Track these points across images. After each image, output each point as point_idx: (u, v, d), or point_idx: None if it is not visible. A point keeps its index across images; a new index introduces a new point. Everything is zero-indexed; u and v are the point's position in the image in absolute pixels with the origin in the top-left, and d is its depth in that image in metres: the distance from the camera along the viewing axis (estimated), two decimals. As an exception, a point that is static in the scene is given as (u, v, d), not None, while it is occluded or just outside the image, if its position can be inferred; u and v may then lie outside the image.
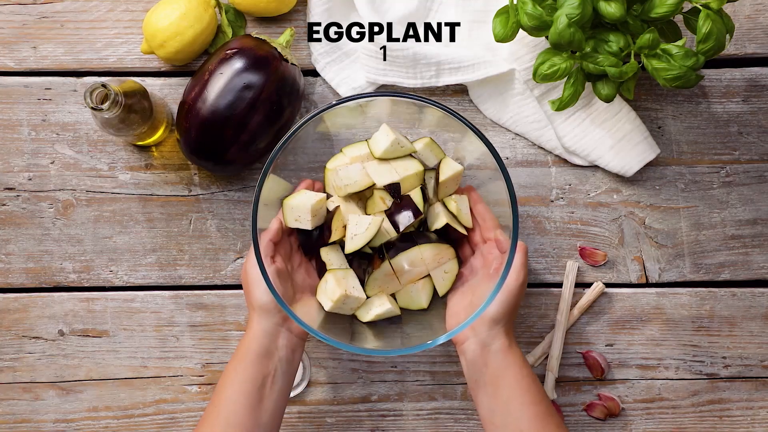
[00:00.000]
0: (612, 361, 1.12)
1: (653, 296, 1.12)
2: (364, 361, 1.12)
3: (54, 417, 1.12)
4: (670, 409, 1.12)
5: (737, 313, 1.12)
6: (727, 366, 1.12)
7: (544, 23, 0.98)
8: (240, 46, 1.04)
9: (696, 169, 1.12)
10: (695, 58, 0.97)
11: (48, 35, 1.12)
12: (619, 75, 0.99)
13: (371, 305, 1.05)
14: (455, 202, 1.07)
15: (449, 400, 1.12)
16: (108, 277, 1.12)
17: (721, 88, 1.12)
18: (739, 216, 1.12)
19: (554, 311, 1.12)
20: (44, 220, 1.12)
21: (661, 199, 1.12)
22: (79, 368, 1.12)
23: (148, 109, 1.02)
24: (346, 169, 1.03)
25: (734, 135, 1.12)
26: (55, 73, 1.13)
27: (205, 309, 1.12)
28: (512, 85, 1.10)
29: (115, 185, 1.12)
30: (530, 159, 1.12)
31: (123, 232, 1.12)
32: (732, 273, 1.12)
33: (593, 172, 1.12)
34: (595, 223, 1.12)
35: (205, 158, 1.05)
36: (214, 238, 1.12)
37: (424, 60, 1.09)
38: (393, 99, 1.02)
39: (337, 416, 1.12)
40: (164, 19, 1.06)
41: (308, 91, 1.13)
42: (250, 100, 1.02)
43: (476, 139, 1.01)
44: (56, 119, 1.12)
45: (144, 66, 1.13)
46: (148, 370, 1.12)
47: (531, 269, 1.12)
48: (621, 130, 1.10)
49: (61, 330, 1.12)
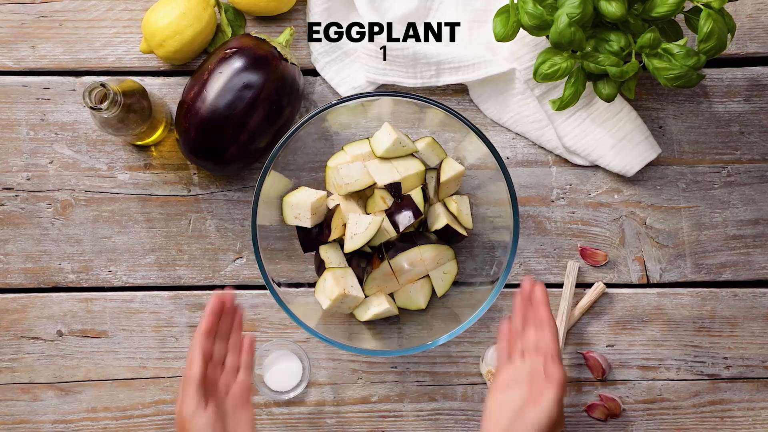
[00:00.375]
0: (613, 362, 1.12)
1: (654, 296, 1.12)
2: (364, 361, 1.12)
3: (53, 418, 1.11)
4: (671, 409, 1.12)
5: (739, 313, 1.12)
6: (729, 367, 1.12)
7: (544, 22, 0.98)
8: (239, 45, 1.04)
9: (697, 169, 1.12)
10: (696, 58, 0.96)
11: (46, 34, 1.12)
12: (620, 74, 0.99)
13: (369, 305, 1.05)
14: (456, 203, 1.07)
15: (449, 401, 1.12)
16: (107, 278, 1.12)
17: (722, 88, 1.12)
18: (740, 216, 1.12)
19: (555, 312, 1.11)
20: (43, 220, 1.12)
21: (662, 199, 1.12)
22: (77, 369, 1.12)
23: (147, 108, 1.02)
24: (347, 167, 1.03)
25: (736, 135, 1.12)
26: (53, 73, 1.12)
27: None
28: (513, 84, 1.10)
29: (113, 185, 1.12)
30: (531, 159, 1.12)
31: (122, 232, 1.12)
32: (733, 273, 1.12)
33: (594, 172, 1.12)
34: (596, 223, 1.12)
35: (205, 158, 1.04)
36: (213, 238, 1.12)
37: (424, 59, 1.09)
38: (394, 99, 1.02)
39: (337, 417, 1.12)
40: (163, 18, 1.05)
41: (308, 90, 1.12)
42: (250, 99, 1.02)
43: (477, 139, 1.01)
44: (55, 119, 1.12)
45: (143, 65, 1.13)
46: (147, 370, 1.12)
47: (532, 270, 1.12)
48: (622, 130, 1.10)
49: (60, 330, 1.12)
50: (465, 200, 1.08)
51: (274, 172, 1.02)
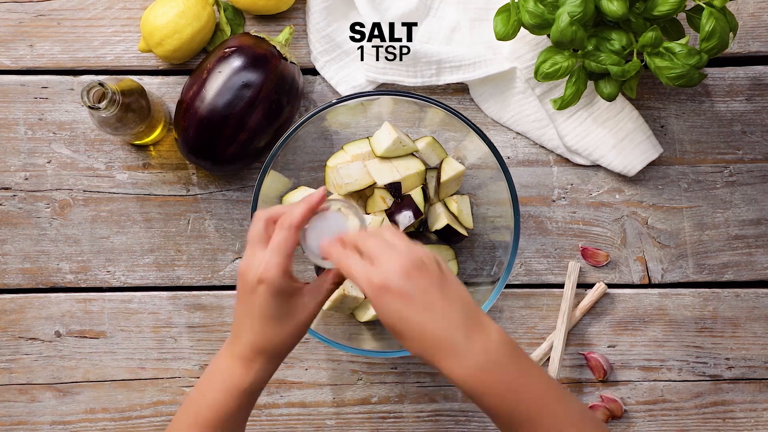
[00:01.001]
0: (614, 363, 1.11)
1: (656, 297, 1.11)
2: (363, 362, 1.11)
3: (51, 419, 1.11)
4: (673, 410, 1.11)
5: (741, 314, 1.11)
6: (731, 367, 1.11)
7: (545, 21, 0.98)
8: (238, 44, 1.04)
9: (699, 169, 1.12)
10: (698, 57, 0.96)
11: (45, 33, 1.12)
12: (621, 73, 0.98)
13: (369, 305, 1.05)
14: (456, 203, 1.06)
15: (450, 402, 1.11)
16: (105, 278, 1.12)
17: (724, 87, 1.12)
18: (742, 216, 1.11)
19: (556, 312, 1.11)
20: (41, 220, 1.11)
21: (664, 199, 1.12)
22: (76, 370, 1.11)
23: (145, 108, 1.02)
24: (346, 167, 1.03)
25: (738, 134, 1.12)
26: (51, 72, 1.12)
27: (204, 310, 1.11)
28: (513, 83, 1.10)
29: (112, 185, 1.12)
30: (532, 158, 1.12)
31: (120, 233, 1.11)
32: (735, 273, 1.11)
33: (595, 172, 1.12)
34: (598, 223, 1.12)
35: (204, 157, 1.04)
36: (212, 239, 1.12)
37: (424, 58, 1.08)
38: (394, 98, 1.02)
39: (337, 418, 1.11)
40: (162, 17, 1.05)
41: (307, 89, 1.12)
42: (249, 98, 1.01)
43: (477, 138, 1.00)
44: (53, 118, 1.12)
45: (141, 64, 1.12)
46: (145, 371, 1.11)
47: (533, 269, 1.12)
48: (623, 129, 1.10)
49: (58, 331, 1.11)
50: (465, 200, 1.08)
51: (273, 171, 1.02)
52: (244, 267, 0.83)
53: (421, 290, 0.77)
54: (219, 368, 0.85)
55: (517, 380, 0.78)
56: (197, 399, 0.85)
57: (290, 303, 0.83)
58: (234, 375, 0.84)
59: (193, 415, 0.85)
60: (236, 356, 0.84)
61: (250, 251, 0.83)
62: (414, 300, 0.77)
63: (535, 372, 0.79)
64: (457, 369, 0.77)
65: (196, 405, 0.85)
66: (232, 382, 0.84)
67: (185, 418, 0.86)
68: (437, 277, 0.78)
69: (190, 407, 0.86)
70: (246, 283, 0.83)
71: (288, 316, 0.83)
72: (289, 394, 1.11)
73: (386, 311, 0.77)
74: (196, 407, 0.85)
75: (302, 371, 1.11)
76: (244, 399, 0.84)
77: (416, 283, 0.77)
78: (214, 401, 0.84)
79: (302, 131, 1.02)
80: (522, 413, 0.77)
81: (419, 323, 0.77)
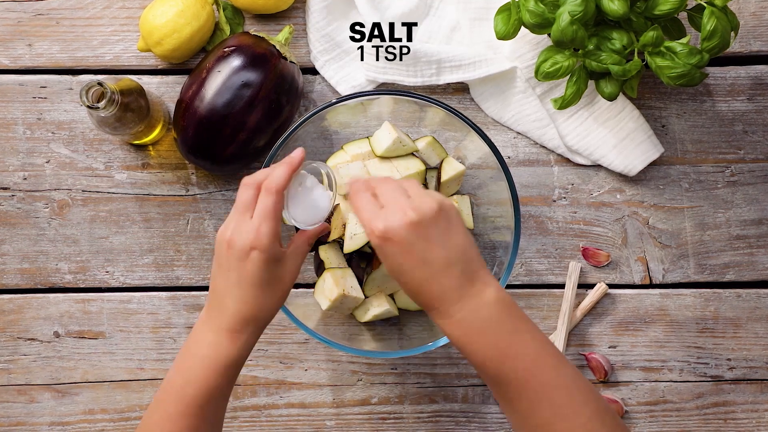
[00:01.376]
0: (615, 363, 1.11)
1: (657, 297, 1.11)
2: (363, 363, 1.11)
3: (49, 420, 1.11)
4: (674, 411, 1.11)
5: (742, 314, 1.11)
6: (732, 368, 1.11)
7: (546, 20, 0.97)
8: (238, 43, 1.03)
9: (700, 169, 1.11)
10: (699, 56, 0.96)
11: (43, 33, 1.11)
12: (622, 73, 0.98)
13: (369, 305, 1.05)
14: (457, 203, 1.06)
15: (450, 403, 1.11)
16: (104, 278, 1.11)
17: (725, 87, 1.12)
18: (744, 216, 1.11)
19: (556, 312, 1.11)
20: (39, 220, 1.11)
21: (665, 199, 1.11)
22: (74, 370, 1.11)
23: (144, 107, 1.01)
24: (346, 166, 1.03)
25: (739, 134, 1.11)
26: (50, 71, 1.12)
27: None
28: (514, 83, 1.10)
29: (111, 185, 1.11)
30: (532, 158, 1.11)
31: (119, 233, 1.11)
32: (737, 274, 1.11)
33: (596, 172, 1.11)
34: (598, 223, 1.11)
35: (203, 157, 1.04)
36: (211, 239, 1.11)
37: (424, 58, 1.08)
38: (394, 97, 1.02)
39: (337, 419, 1.11)
40: (161, 16, 1.05)
41: (307, 89, 1.12)
42: (249, 98, 1.01)
43: (478, 138, 1.00)
44: (52, 118, 1.11)
45: (141, 64, 1.12)
46: (144, 372, 1.11)
47: (534, 270, 1.11)
48: (624, 129, 1.10)
49: (57, 331, 1.11)
50: (466, 200, 1.07)
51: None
52: (233, 235, 0.82)
53: (422, 242, 0.78)
54: (202, 344, 0.83)
55: (507, 341, 0.78)
56: (180, 379, 0.83)
57: (279, 268, 0.83)
58: (220, 349, 0.82)
59: (178, 395, 0.83)
60: (222, 329, 0.83)
61: (238, 218, 0.82)
62: (413, 252, 0.77)
63: (528, 334, 0.80)
64: (448, 326, 0.78)
65: (180, 385, 0.83)
66: (218, 356, 0.82)
67: (169, 399, 0.83)
68: (443, 229, 0.79)
69: (172, 388, 0.84)
70: (235, 251, 0.81)
71: (278, 281, 0.83)
72: (289, 395, 1.11)
73: (385, 258, 0.79)
74: (179, 387, 0.83)
75: (302, 372, 1.11)
76: (231, 372, 0.83)
77: (419, 234, 0.77)
78: (200, 378, 0.82)
79: (302, 131, 1.02)
80: (508, 374, 0.78)
81: (415, 278, 0.78)
